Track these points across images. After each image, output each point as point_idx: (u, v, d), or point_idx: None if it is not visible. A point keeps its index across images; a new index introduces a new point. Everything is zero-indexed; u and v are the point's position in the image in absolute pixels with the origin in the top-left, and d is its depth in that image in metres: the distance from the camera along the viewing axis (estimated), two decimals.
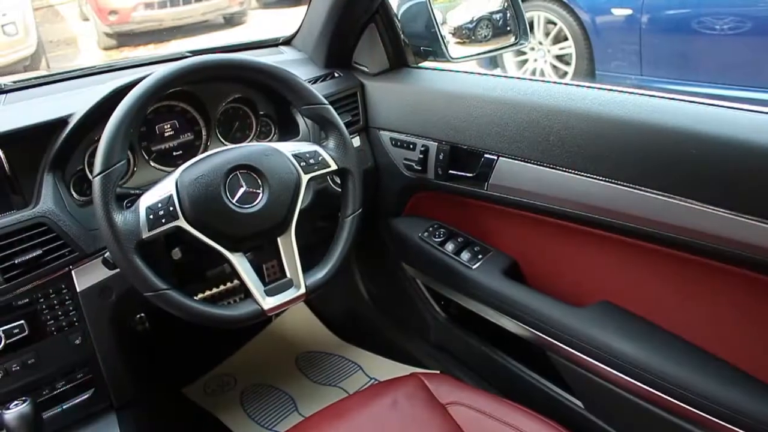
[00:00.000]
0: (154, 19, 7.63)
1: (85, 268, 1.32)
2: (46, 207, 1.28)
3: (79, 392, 1.40)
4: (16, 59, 6.31)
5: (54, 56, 7.21)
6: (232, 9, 8.21)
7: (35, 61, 6.54)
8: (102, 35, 7.71)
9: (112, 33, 7.65)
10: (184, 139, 1.53)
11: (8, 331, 1.26)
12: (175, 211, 1.16)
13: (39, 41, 6.71)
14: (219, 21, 8.37)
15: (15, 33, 6.31)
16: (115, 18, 7.48)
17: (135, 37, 7.65)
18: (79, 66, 1.80)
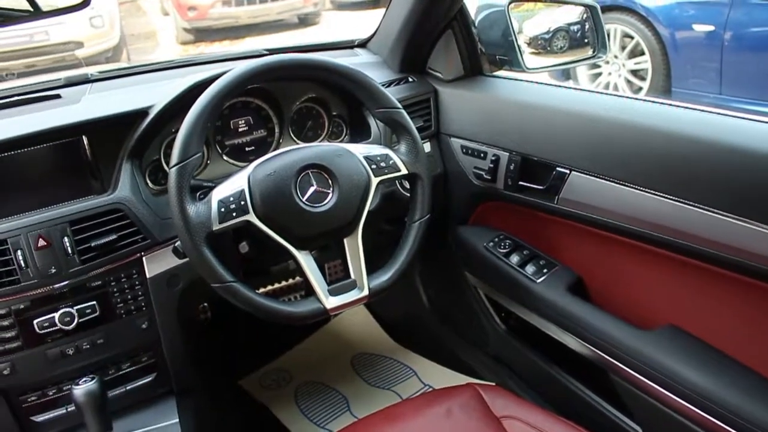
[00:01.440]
0: (231, 16, 7.81)
1: (156, 256, 1.36)
2: (123, 194, 1.33)
3: (142, 375, 1.45)
4: (99, 50, 6.57)
5: (134, 49, 7.46)
6: (306, 9, 8.34)
7: (117, 52, 6.79)
8: (180, 30, 7.94)
9: (190, 28, 7.87)
10: (257, 135, 1.56)
11: (81, 310, 1.30)
12: (245, 206, 1.18)
13: (122, 34, 6.96)
14: (293, 21, 8.51)
15: (101, 25, 6.57)
16: (193, 14, 7.70)
17: (211, 33, 7.85)
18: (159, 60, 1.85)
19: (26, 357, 1.29)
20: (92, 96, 1.53)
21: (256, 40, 7.62)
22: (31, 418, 1.38)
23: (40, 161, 1.34)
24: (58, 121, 1.35)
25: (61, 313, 1.29)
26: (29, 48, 6.26)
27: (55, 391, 1.38)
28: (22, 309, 1.27)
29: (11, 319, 1.26)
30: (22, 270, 1.25)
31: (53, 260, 1.26)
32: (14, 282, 1.25)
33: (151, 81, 1.67)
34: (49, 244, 1.26)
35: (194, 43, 7.86)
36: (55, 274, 1.27)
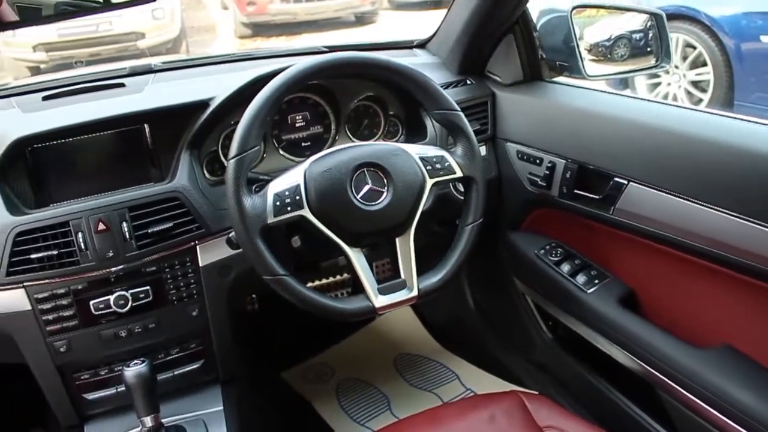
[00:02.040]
0: (289, 13, 7.90)
1: (209, 245, 1.38)
2: (181, 183, 1.36)
3: (189, 361, 1.47)
4: (160, 41, 6.73)
5: (193, 41, 7.61)
6: (364, 8, 8.38)
7: (176, 44, 6.93)
8: (239, 24, 8.07)
9: (249, 23, 8.00)
10: (314, 131, 1.57)
11: (135, 294, 1.34)
12: (300, 201, 1.19)
13: (182, 26, 7.11)
14: (350, 19, 8.56)
15: (162, 17, 6.73)
16: (252, 9, 7.81)
17: (269, 28, 7.96)
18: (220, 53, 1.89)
19: (82, 336, 1.33)
20: (155, 86, 1.57)
21: (313, 36, 7.68)
22: (83, 395, 1.42)
23: (103, 147, 1.38)
24: (122, 109, 1.39)
25: (116, 296, 1.32)
26: (94, 37, 6.45)
27: (107, 371, 1.41)
28: (80, 290, 1.31)
29: (70, 299, 1.30)
30: (82, 252, 1.28)
31: (111, 244, 1.30)
32: (74, 263, 1.28)
33: (211, 73, 1.70)
34: (108, 228, 1.29)
35: (251, 37, 7.97)
36: (113, 258, 1.30)
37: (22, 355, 1.35)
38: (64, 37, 6.34)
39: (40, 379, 1.38)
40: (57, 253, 1.27)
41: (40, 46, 6.44)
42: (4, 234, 1.25)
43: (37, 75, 6.64)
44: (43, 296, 1.29)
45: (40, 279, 1.28)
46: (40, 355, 1.34)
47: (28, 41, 6.44)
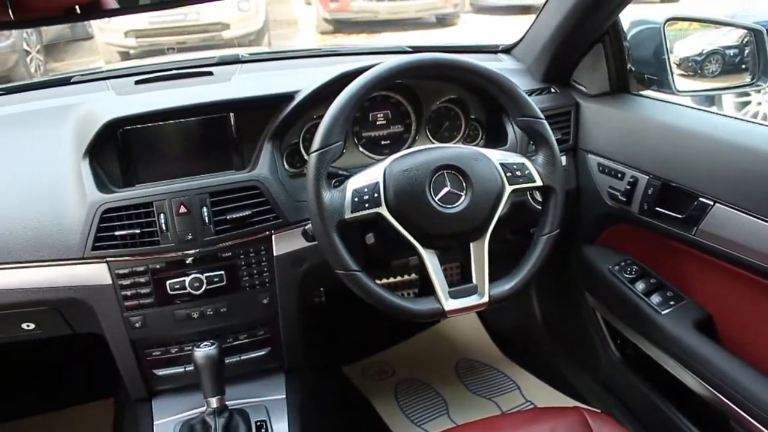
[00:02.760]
0: (371, 11, 7.97)
1: (284, 236, 1.40)
2: (262, 172, 1.38)
3: (256, 348, 1.50)
4: (244, 33, 6.89)
5: (275, 34, 7.76)
6: (445, 10, 8.36)
7: (259, 37, 7.08)
8: (321, 20, 8.19)
9: (331, 19, 8.10)
10: (394, 130, 1.58)
11: (210, 278, 1.37)
12: (378, 199, 1.19)
13: (266, 19, 7.26)
14: (431, 20, 8.57)
15: (247, 9, 6.90)
16: (335, 5, 7.92)
17: (350, 26, 8.04)
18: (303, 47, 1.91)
19: (156, 314, 1.38)
20: (242, 76, 1.60)
21: (393, 35, 7.73)
22: (153, 371, 1.47)
23: (189, 133, 1.42)
24: (210, 96, 1.43)
25: (191, 278, 1.36)
26: (182, 26, 6.66)
27: (177, 350, 1.46)
28: (158, 269, 1.35)
29: (148, 277, 1.35)
30: (163, 233, 1.32)
31: (191, 227, 1.33)
32: (154, 243, 1.33)
33: (296, 67, 1.73)
34: (189, 211, 1.33)
35: (333, 33, 8.08)
36: (191, 241, 1.34)
37: (101, 327, 1.40)
38: (154, 24, 6.57)
39: (115, 351, 1.43)
40: (139, 232, 1.32)
41: (131, 33, 6.70)
42: (92, 210, 1.30)
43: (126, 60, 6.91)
44: (123, 272, 1.34)
45: (121, 255, 1.33)
46: (117, 329, 1.39)
47: (121, 27, 6.70)
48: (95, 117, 1.37)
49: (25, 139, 1.44)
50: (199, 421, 1.36)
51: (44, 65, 6.96)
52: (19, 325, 1.45)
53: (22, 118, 1.51)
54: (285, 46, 8.12)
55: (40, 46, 6.95)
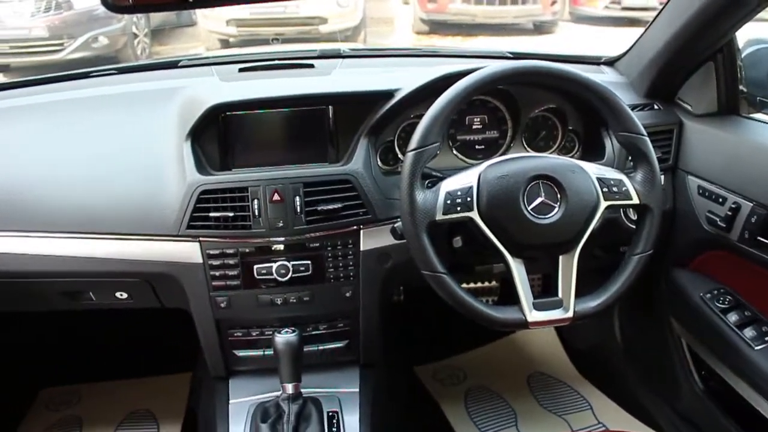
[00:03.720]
0: (468, 14, 7.92)
1: (372, 232, 1.41)
2: (356, 167, 1.40)
3: (334, 339, 1.53)
4: (341, 28, 6.98)
5: (371, 31, 7.82)
6: (544, 17, 8.23)
7: (355, 33, 7.17)
8: (417, 20, 8.20)
9: (427, 20, 8.10)
10: (489, 135, 1.56)
11: (296, 266, 1.40)
12: (471, 203, 1.19)
13: (363, 16, 7.33)
14: (528, 26, 8.45)
15: (346, 5, 7.00)
16: (433, 6, 7.91)
17: (446, 27, 8.02)
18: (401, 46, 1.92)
19: (241, 296, 1.42)
20: (342, 71, 1.62)
21: (488, 40, 7.66)
22: (233, 351, 1.52)
23: (288, 123, 1.45)
24: (311, 89, 1.45)
25: (278, 265, 1.39)
26: (281, 18, 6.83)
27: (258, 333, 1.50)
28: (247, 253, 1.39)
29: (236, 260, 1.39)
30: (255, 218, 1.36)
31: (283, 215, 1.36)
32: (246, 227, 1.36)
33: (397, 65, 1.73)
34: (282, 199, 1.36)
35: (428, 34, 8.07)
36: (282, 228, 1.36)
37: (188, 304, 1.45)
38: (254, 15, 6.75)
39: (200, 328, 1.48)
40: (233, 215, 1.35)
41: (233, 22, 6.90)
42: (190, 190, 1.35)
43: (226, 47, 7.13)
44: (214, 253, 1.38)
45: (214, 236, 1.37)
46: (203, 307, 1.44)
47: (223, 16, 6.92)
48: (200, 101, 1.42)
49: (133, 118, 1.51)
50: (273, 405, 1.38)
51: (149, 48, 7.27)
52: (113, 294, 1.52)
53: (132, 97, 1.58)
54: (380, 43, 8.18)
55: (147, 30, 7.27)
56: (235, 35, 7.00)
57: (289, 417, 1.33)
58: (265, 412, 1.38)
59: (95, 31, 6.61)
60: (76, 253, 1.41)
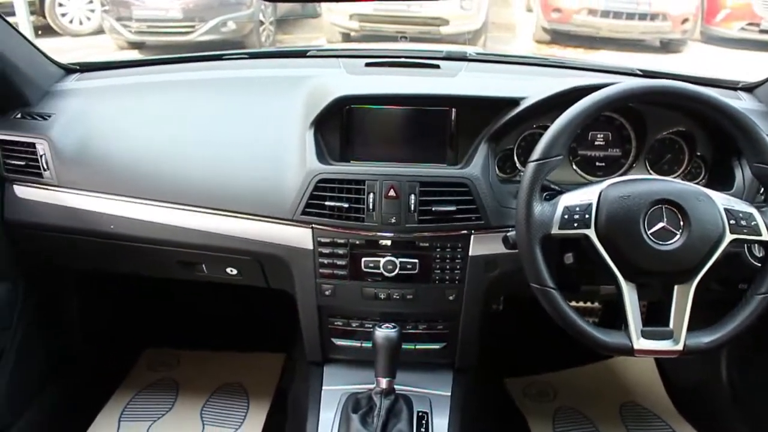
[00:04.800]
0: (593, 26, 7.71)
1: (483, 238, 1.40)
2: (474, 172, 1.39)
3: (432, 340, 1.53)
4: (461, 31, 6.97)
5: (491, 36, 7.76)
6: (673, 35, 7.88)
7: (476, 37, 7.13)
8: (539, 28, 8.07)
9: (549, 29, 7.95)
10: (612, 153, 1.52)
11: (404, 263, 1.41)
12: (588, 220, 1.16)
13: (485, 21, 7.28)
14: (654, 44, 8.14)
15: (469, 8, 6.96)
16: (557, 16, 7.76)
17: (568, 38, 7.85)
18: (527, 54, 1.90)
19: (346, 287, 1.44)
20: (467, 74, 1.62)
21: (611, 54, 7.43)
22: (332, 339, 1.55)
23: (409, 121, 1.46)
24: (436, 89, 1.46)
25: (386, 260, 1.41)
26: (403, 16, 6.89)
27: (358, 324, 1.52)
28: (357, 245, 1.41)
29: (346, 250, 1.41)
30: (368, 212, 1.38)
31: (396, 211, 1.37)
32: (359, 219, 1.39)
33: (522, 73, 1.72)
34: (397, 196, 1.37)
35: (548, 43, 7.93)
36: (394, 224, 1.38)
37: (293, 287, 1.50)
38: (378, 11, 6.85)
39: (302, 312, 1.52)
40: (347, 206, 1.38)
41: (356, 16, 7.03)
42: (309, 177, 1.39)
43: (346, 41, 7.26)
44: (324, 241, 1.41)
45: (326, 225, 1.40)
46: (308, 292, 1.47)
47: (347, 10, 7.06)
48: (326, 91, 1.46)
49: (261, 102, 1.57)
50: (366, 397, 1.40)
51: (273, 36, 7.51)
52: (224, 268, 1.59)
53: (262, 82, 1.64)
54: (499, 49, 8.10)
55: (273, 19, 7.51)
56: (357, 30, 7.12)
57: (380, 411, 1.35)
58: (356, 403, 1.40)
59: (225, 16, 6.91)
60: (195, 226, 1.48)
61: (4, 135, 1.59)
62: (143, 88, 1.69)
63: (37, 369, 1.86)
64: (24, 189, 1.61)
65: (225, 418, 2.01)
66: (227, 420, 2.00)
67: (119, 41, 7.36)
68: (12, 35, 1.58)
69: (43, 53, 1.73)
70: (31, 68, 1.66)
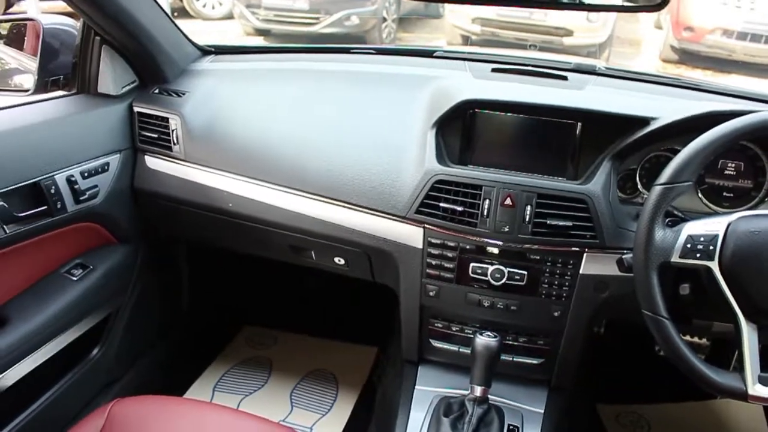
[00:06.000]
0: (726, 48, 7.33)
1: (596, 257, 1.36)
2: (594, 189, 1.35)
3: (530, 354, 1.51)
4: (584, 44, 6.81)
5: (615, 51, 7.53)
6: None
7: (599, 50, 6.95)
8: (667, 47, 7.75)
9: (678, 48, 7.62)
10: (742, 184, 1.44)
11: (512, 273, 1.39)
12: (713, 252, 1.11)
13: (611, 35, 7.07)
14: None
15: (596, 21, 6.79)
16: (688, 35, 7.41)
17: (697, 59, 7.50)
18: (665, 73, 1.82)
19: (451, 290, 1.44)
20: (596, 88, 1.58)
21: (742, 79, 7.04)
22: (430, 339, 1.55)
23: (532, 131, 1.44)
24: (563, 101, 1.43)
25: (494, 268, 1.39)
26: (526, 24, 6.79)
27: (458, 329, 1.52)
28: (467, 250, 1.41)
29: (455, 254, 1.41)
30: (482, 218, 1.37)
31: (510, 221, 1.36)
32: (471, 224, 1.38)
33: (652, 92, 1.65)
34: (513, 205, 1.35)
35: (676, 63, 7.60)
36: (506, 233, 1.36)
37: (398, 284, 1.51)
38: (501, 17, 6.79)
39: (404, 309, 1.53)
40: (461, 210, 1.38)
41: (478, 20, 6.99)
42: (426, 177, 1.39)
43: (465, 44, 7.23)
44: (435, 242, 1.41)
45: (438, 226, 1.40)
46: (412, 290, 1.48)
47: (470, 13, 7.03)
48: (451, 94, 1.46)
49: (386, 98, 1.59)
50: (458, 402, 1.40)
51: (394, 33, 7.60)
52: (333, 258, 1.62)
53: (389, 78, 1.66)
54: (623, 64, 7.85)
55: (396, 17, 7.59)
56: (478, 33, 7.08)
57: (471, 418, 1.34)
58: (448, 407, 1.40)
59: (350, 10, 7.05)
60: (309, 213, 1.52)
61: (142, 108, 1.69)
62: (273, 74, 1.75)
63: (146, 330, 1.97)
64: (154, 160, 1.71)
65: (313, 402, 2.06)
66: (315, 405, 2.05)
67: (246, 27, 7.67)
68: (159, 15, 1.67)
69: (184, 34, 1.82)
70: (173, 47, 1.75)
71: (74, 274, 1.60)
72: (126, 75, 1.72)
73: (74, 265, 1.62)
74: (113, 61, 1.67)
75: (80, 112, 1.61)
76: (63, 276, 1.59)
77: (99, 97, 1.67)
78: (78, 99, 1.65)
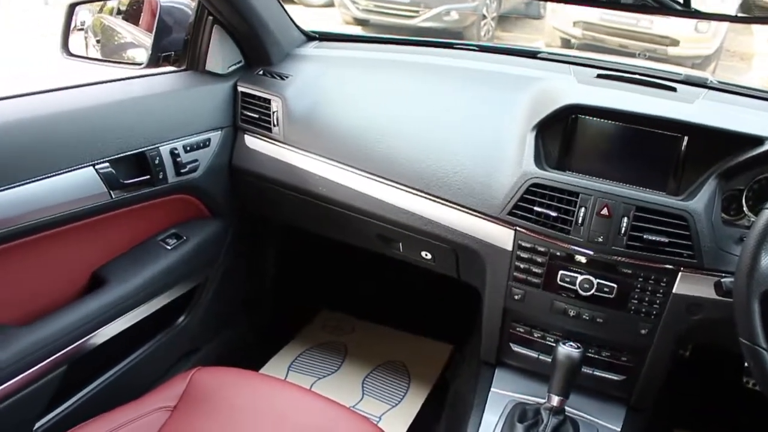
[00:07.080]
0: None
1: (691, 278, 1.31)
2: (696, 207, 1.30)
3: (612, 370, 1.47)
4: (691, 54, 6.55)
5: (724, 65, 7.20)
6: None
7: (705, 62, 6.67)
8: None
9: None
10: None
11: (601, 285, 1.36)
12: None
13: (720, 47, 6.77)
14: None
15: (705, 31, 6.52)
16: None
17: None
18: None
19: (537, 295, 1.42)
20: (706, 102, 1.52)
21: None
22: (510, 343, 1.54)
23: (635, 141, 1.40)
24: (671, 113, 1.38)
25: (583, 278, 1.36)
26: (630, 30, 6.58)
27: (540, 336, 1.50)
28: (557, 256, 1.38)
29: (544, 259, 1.39)
30: (576, 226, 1.34)
31: (605, 231, 1.32)
32: (564, 231, 1.35)
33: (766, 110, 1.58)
34: (610, 215, 1.32)
35: None
36: (599, 244, 1.33)
37: (483, 284, 1.50)
38: (604, 21, 6.61)
39: (487, 310, 1.52)
40: (555, 216, 1.35)
41: (579, 23, 6.83)
42: (522, 179, 1.38)
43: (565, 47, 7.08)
44: (525, 246, 1.40)
45: (530, 230, 1.39)
46: (497, 292, 1.47)
47: (571, 16, 6.87)
48: (554, 97, 1.43)
49: (487, 95, 1.57)
50: (533, 410, 1.38)
51: (493, 32, 7.52)
52: (419, 251, 1.63)
53: (491, 76, 1.64)
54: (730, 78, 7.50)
55: (496, 15, 7.51)
56: (578, 37, 6.92)
57: (545, 428, 1.32)
58: (523, 413, 1.39)
59: (450, 5, 7.03)
60: (399, 204, 1.53)
61: (246, 88, 1.73)
62: (375, 64, 1.76)
63: (230, 303, 2.03)
64: (253, 140, 1.75)
65: (384, 393, 2.07)
66: (386, 396, 2.06)
67: (346, 16, 7.75)
68: None
69: (291, 19, 1.86)
70: (280, 31, 1.79)
71: (169, 243, 1.66)
72: (233, 55, 1.77)
73: (169, 235, 1.68)
74: (222, 40, 1.72)
75: (188, 87, 1.67)
76: (158, 244, 1.65)
77: (206, 74, 1.72)
78: (186, 75, 1.71)
